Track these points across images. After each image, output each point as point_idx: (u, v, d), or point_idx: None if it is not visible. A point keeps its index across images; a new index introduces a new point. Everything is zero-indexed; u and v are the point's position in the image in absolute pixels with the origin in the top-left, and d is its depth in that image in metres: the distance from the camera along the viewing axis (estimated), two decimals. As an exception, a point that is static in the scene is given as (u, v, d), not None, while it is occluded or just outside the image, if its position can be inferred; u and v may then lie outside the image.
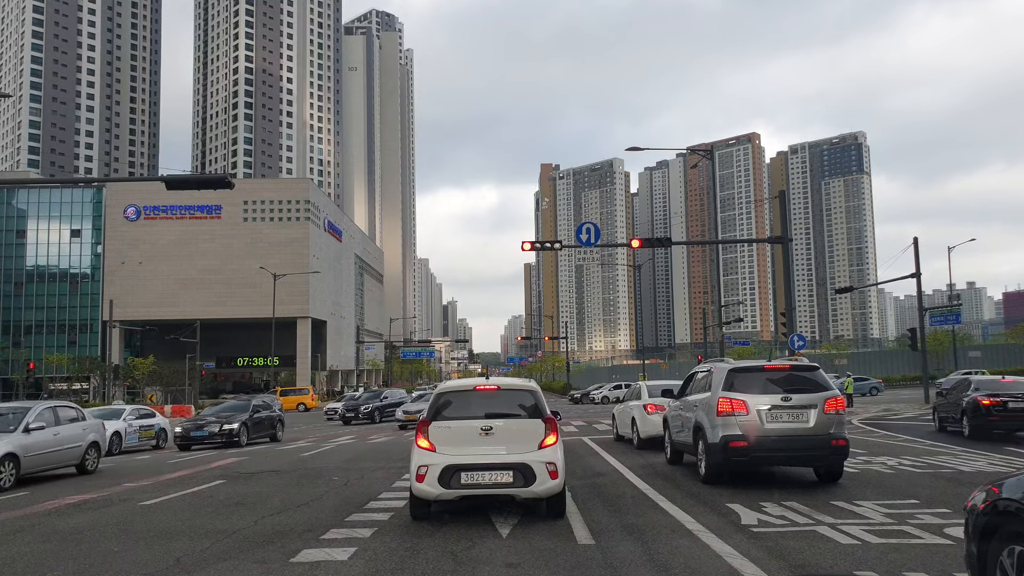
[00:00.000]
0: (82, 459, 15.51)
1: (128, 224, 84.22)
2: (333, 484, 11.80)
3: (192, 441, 22.31)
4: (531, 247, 26.62)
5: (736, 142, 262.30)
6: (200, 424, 22.81)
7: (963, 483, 9.92)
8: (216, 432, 22.22)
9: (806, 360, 16.34)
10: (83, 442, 15.51)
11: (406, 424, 27.74)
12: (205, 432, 22.32)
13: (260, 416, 24.10)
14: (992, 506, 3.92)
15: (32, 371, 66.46)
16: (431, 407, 8.18)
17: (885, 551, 6.32)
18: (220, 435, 22.18)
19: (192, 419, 24.60)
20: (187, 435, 22.34)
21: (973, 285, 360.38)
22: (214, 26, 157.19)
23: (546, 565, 6.11)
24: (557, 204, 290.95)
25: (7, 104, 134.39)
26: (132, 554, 7.08)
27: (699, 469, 10.78)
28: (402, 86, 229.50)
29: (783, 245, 25.47)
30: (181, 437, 22.48)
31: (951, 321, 40.35)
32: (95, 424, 16.57)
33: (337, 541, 7.25)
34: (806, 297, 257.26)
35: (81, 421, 15.83)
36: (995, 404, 16.74)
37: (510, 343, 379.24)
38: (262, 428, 24.15)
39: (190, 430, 22.49)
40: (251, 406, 24.11)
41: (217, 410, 24.64)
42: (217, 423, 22.57)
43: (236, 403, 25.40)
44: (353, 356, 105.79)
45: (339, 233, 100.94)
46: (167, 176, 20.55)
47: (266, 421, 24.45)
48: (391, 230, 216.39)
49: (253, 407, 24.04)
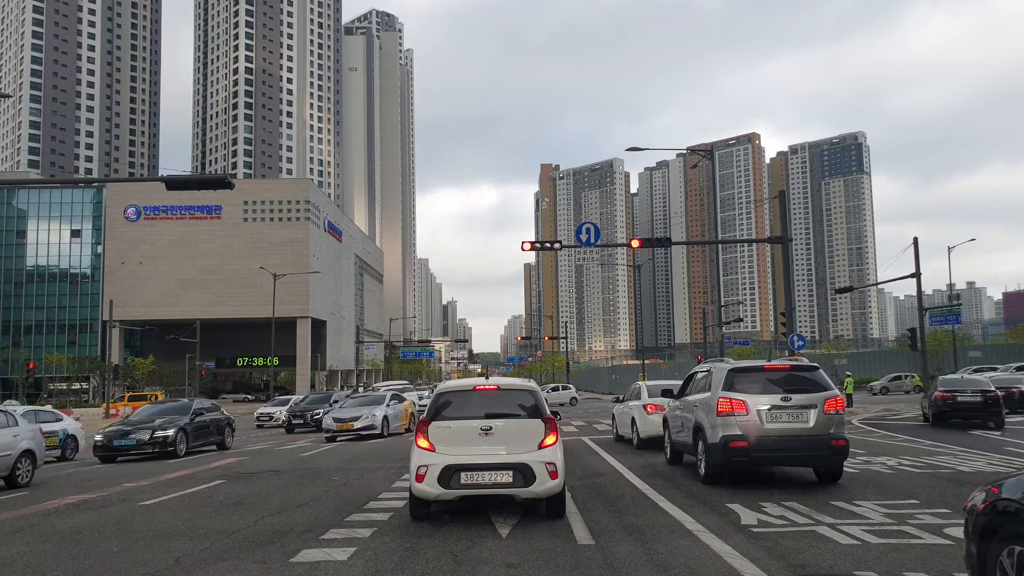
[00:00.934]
0: (11, 470, 13.34)
1: (128, 224, 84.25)
2: (333, 484, 11.80)
3: (116, 451, 18.58)
4: (531, 247, 26.61)
5: (736, 142, 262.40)
6: (126, 431, 18.93)
7: (963, 483, 9.91)
8: (146, 440, 18.53)
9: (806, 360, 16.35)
10: (13, 450, 13.33)
11: (334, 436, 22.83)
12: (132, 440, 18.58)
13: (203, 420, 20.56)
14: (992, 506, 3.92)
15: (32, 371, 66.49)
16: (431, 407, 8.18)
17: (885, 551, 6.32)
18: (151, 443, 18.51)
19: (118, 424, 20.12)
20: (109, 444, 18.64)
21: (973, 285, 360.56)
22: (214, 26, 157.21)
23: (546, 565, 6.11)
24: (557, 204, 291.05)
25: (7, 104, 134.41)
26: (132, 554, 7.08)
27: (699, 469, 10.78)
28: (402, 86, 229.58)
29: (783, 245, 25.48)
30: (102, 447, 18.72)
31: (951, 321, 40.33)
32: (29, 430, 14.33)
33: (337, 541, 7.25)
34: (806, 297, 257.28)
35: (12, 427, 13.70)
36: (946, 398, 20.29)
37: (510, 343, 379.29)
38: (206, 434, 20.63)
39: (113, 437, 18.76)
40: (191, 408, 20.47)
41: (150, 413, 20.51)
42: (148, 429, 18.78)
43: (175, 404, 21.32)
44: (353, 356, 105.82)
45: (339, 233, 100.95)
46: (167, 176, 20.54)
47: (211, 426, 20.91)
48: (391, 230, 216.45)
49: (195, 410, 20.44)
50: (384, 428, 23.19)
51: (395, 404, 25.08)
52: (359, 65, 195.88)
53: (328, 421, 23.45)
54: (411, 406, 26.34)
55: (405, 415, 25.35)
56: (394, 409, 24.64)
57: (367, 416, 23.10)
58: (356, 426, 22.78)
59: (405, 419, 25.19)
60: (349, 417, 23.13)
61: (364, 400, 25.77)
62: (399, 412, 24.94)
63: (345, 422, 22.89)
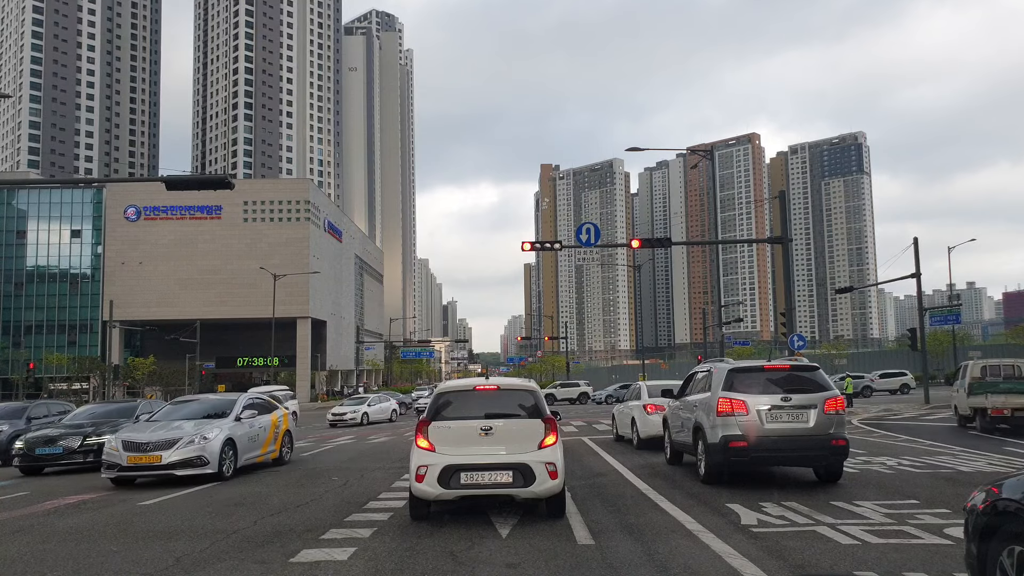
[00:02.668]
0: None
1: (128, 224, 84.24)
2: (333, 484, 11.81)
3: (41, 461, 15.24)
4: (531, 247, 26.62)
5: (736, 142, 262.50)
6: (53, 437, 15.40)
7: (963, 483, 9.92)
8: (76, 448, 15.20)
9: (806, 360, 16.35)
10: None
11: (128, 477, 12.72)
12: (59, 448, 15.16)
13: None
14: (992, 506, 3.92)
15: (32, 371, 66.51)
16: (431, 407, 8.18)
17: (885, 551, 6.32)
18: (82, 451, 15.21)
19: (44, 429, 16.40)
20: (30, 452, 15.23)
21: (973, 285, 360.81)
22: (214, 26, 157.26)
23: (546, 565, 6.11)
24: (557, 204, 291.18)
25: (7, 104, 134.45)
26: (132, 554, 7.08)
27: (699, 469, 10.79)
28: (402, 86, 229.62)
29: (783, 245, 25.49)
30: (23, 455, 15.22)
31: (951, 321, 40.32)
32: None
33: (337, 541, 7.25)
34: (806, 297, 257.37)
35: None
36: None
37: (510, 343, 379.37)
38: None
39: (36, 445, 15.26)
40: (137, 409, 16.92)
41: (84, 415, 17.06)
42: (78, 435, 15.36)
43: (121, 406, 17.61)
44: (353, 356, 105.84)
45: (339, 233, 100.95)
46: (167, 176, 20.55)
47: None
48: (391, 230, 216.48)
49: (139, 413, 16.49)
50: (225, 461, 12.93)
51: (251, 419, 14.29)
52: (359, 65, 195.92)
53: (113, 449, 12.72)
54: (286, 419, 16.01)
55: (271, 435, 14.98)
56: (248, 427, 14.05)
57: (189, 442, 12.60)
58: (168, 459, 12.41)
59: (272, 442, 15.01)
60: (157, 442, 12.56)
61: (194, 410, 14.40)
62: (258, 432, 14.43)
63: (146, 451, 12.47)
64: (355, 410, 35.81)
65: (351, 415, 35.28)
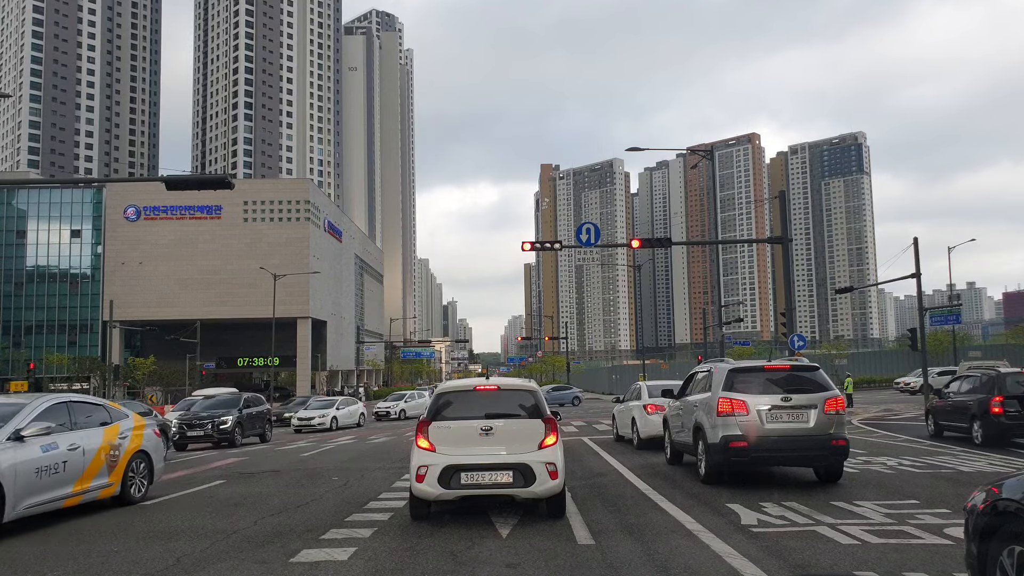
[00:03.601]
0: None
1: (128, 224, 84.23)
2: (333, 484, 11.81)
3: None
4: (531, 247, 26.59)
5: (736, 142, 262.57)
6: None
7: (963, 483, 9.92)
8: None
9: (806, 360, 16.35)
10: None
11: None
12: None
13: None
14: (992, 506, 3.92)
15: (32, 371, 66.42)
16: (431, 407, 8.17)
17: (885, 551, 6.32)
18: None
19: None
20: None
21: (973, 285, 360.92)
22: (214, 26, 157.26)
23: (546, 565, 6.11)
24: (557, 204, 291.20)
25: (7, 104, 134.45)
26: (132, 554, 7.08)
27: (699, 469, 10.79)
28: (402, 86, 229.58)
29: (783, 245, 25.48)
30: None
31: (951, 321, 40.29)
32: None
33: (337, 541, 7.25)
34: (806, 297, 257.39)
35: None
36: None
37: (510, 343, 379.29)
38: None
39: None
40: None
41: None
42: None
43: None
44: (353, 356, 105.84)
45: (339, 233, 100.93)
46: (167, 176, 20.54)
47: None
48: (391, 230, 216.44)
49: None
50: None
51: (46, 436, 8.89)
52: (359, 65, 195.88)
53: None
54: (140, 435, 10.68)
55: (99, 461, 9.67)
56: (40, 451, 8.72)
57: None
58: None
59: (104, 472, 9.77)
60: None
61: None
62: (66, 457, 9.11)
63: None
64: (323, 414, 32.31)
65: (319, 419, 31.80)
